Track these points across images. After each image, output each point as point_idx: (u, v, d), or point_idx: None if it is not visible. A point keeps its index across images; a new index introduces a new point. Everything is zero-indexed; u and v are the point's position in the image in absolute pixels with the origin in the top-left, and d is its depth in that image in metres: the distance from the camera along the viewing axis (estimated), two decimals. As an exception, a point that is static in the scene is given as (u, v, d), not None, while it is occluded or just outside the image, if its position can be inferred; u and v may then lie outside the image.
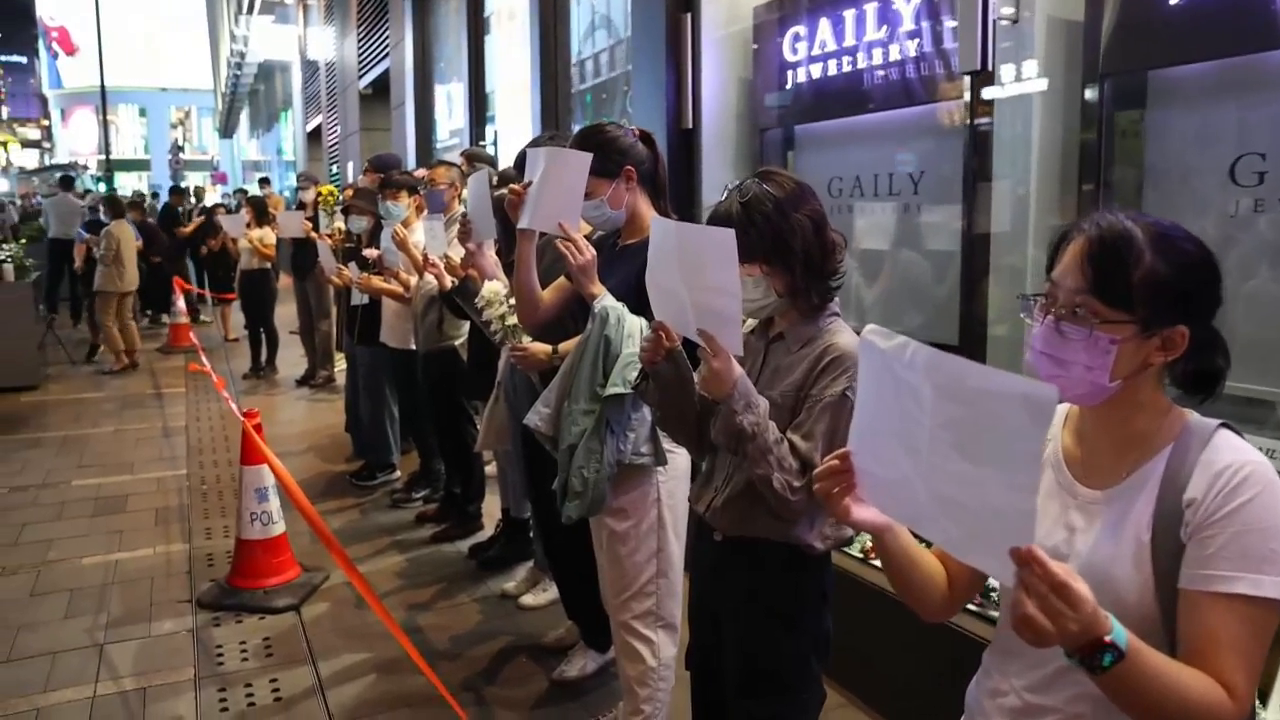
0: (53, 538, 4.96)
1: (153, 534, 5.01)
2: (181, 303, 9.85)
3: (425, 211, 4.77)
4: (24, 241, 10.67)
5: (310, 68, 16.83)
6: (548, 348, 2.98)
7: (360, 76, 12.02)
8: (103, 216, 10.35)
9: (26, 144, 63.43)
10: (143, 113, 47.35)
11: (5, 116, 68.68)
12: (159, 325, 12.78)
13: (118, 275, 9.56)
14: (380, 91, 11.40)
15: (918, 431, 1.11)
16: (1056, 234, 1.34)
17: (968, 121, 3.16)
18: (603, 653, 3.46)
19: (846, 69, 3.67)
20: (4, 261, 8.78)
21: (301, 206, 8.73)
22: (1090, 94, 2.75)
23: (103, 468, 6.26)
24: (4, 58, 73.84)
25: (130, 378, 9.49)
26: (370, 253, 5.26)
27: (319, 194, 8.43)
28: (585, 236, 2.64)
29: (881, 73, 3.52)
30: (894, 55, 3.44)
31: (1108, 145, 2.72)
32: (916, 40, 3.33)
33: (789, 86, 4.01)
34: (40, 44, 51.30)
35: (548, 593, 4.05)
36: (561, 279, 2.82)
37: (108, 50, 25.77)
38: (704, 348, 1.78)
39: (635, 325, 2.54)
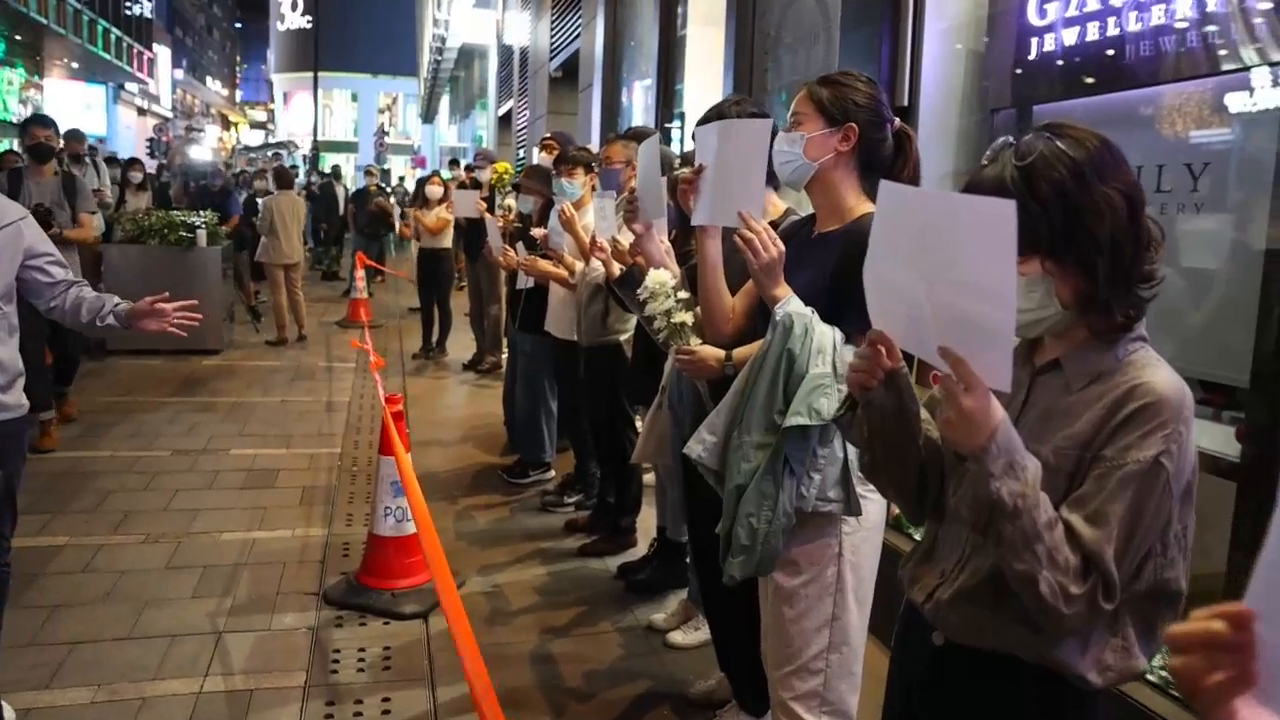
0: (200, 507, 4.82)
1: (294, 514, 4.79)
2: (362, 278, 9.89)
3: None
4: None
5: (505, 52, 16.94)
6: (720, 353, 2.43)
7: (551, 59, 11.84)
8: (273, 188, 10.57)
9: (254, 125, 68.34)
10: (354, 98, 49.83)
11: (239, 100, 74.29)
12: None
13: (272, 247, 9.69)
14: (569, 75, 11.17)
15: None
16: None
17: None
18: (758, 719, 2.91)
19: (1112, 33, 2.96)
20: (199, 227, 8.99)
21: (478, 186, 8.54)
22: None
23: (262, 438, 6.18)
24: (243, 48, 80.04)
25: (306, 349, 9.57)
26: (537, 232, 4.87)
27: (495, 173, 8.19)
28: (771, 224, 2.12)
29: (1157, 37, 2.80)
30: (1182, 11, 2.72)
31: None
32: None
33: (1031, 57, 3.32)
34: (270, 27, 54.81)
35: (699, 632, 3.52)
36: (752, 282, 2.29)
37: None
38: (948, 375, 1.21)
39: (827, 338, 1.98)
